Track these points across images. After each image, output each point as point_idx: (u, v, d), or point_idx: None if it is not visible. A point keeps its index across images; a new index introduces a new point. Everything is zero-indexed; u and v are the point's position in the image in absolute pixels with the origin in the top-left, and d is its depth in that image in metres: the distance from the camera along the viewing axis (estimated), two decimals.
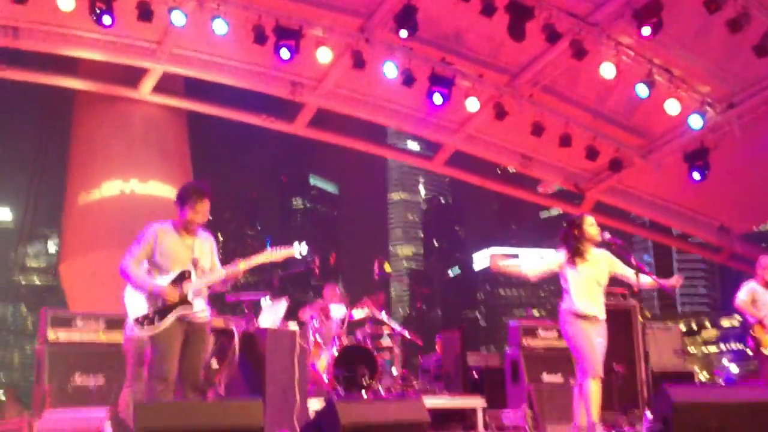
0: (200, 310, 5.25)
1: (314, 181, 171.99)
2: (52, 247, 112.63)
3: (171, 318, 5.03)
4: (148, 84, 11.95)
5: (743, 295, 7.94)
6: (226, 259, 5.53)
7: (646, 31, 9.66)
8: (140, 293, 5.08)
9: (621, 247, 5.73)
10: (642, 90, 10.99)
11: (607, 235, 5.77)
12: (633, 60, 10.98)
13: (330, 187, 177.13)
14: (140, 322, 5.03)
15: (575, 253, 5.86)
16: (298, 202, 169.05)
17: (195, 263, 5.26)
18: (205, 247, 5.35)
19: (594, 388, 5.61)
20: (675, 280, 6.17)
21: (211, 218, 5.45)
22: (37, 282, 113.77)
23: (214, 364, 6.44)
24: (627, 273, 5.96)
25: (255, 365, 6.25)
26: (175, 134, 13.86)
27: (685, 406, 4.08)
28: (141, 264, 5.18)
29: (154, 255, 5.16)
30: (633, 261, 5.86)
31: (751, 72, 10.94)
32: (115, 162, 13.00)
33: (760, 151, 12.04)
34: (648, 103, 11.48)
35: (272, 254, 5.54)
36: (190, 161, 14.28)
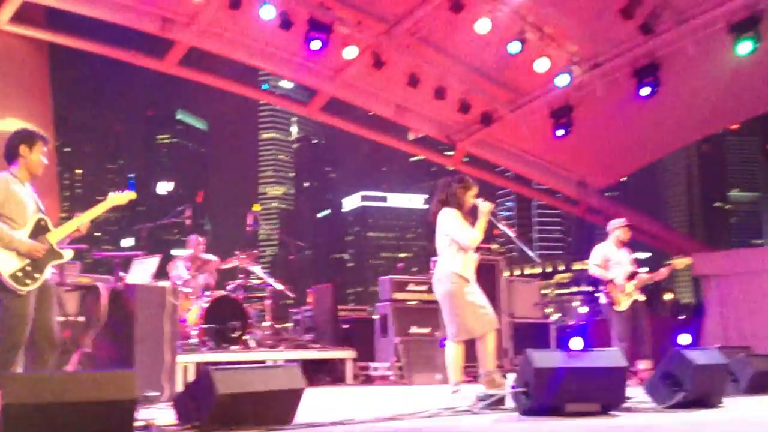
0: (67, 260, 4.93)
1: (182, 116, 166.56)
2: None
3: (48, 272, 4.71)
4: (6, 12, 11.03)
5: (594, 259, 8.47)
6: (86, 194, 5.20)
7: None
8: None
9: (492, 214, 5.85)
10: (514, 47, 11.22)
11: (479, 201, 5.88)
12: (507, 16, 11.16)
13: (199, 124, 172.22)
14: (18, 278, 4.57)
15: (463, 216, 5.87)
16: (164, 138, 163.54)
17: (44, 213, 4.92)
18: (36, 197, 4.97)
19: (456, 352, 5.77)
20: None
21: (68, 149, 5.08)
22: None
23: (81, 323, 6.17)
24: None
25: (123, 323, 6.03)
26: (36, 69, 12.91)
27: (546, 371, 4.30)
28: None
29: (8, 206, 4.75)
30: (502, 226, 6.01)
31: (617, 34, 11.37)
32: None
33: (619, 110, 12.61)
34: (519, 60, 11.74)
35: (113, 199, 5.26)
36: (50, 98, 13.39)
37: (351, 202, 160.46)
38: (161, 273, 7.68)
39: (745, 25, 10.03)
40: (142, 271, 6.59)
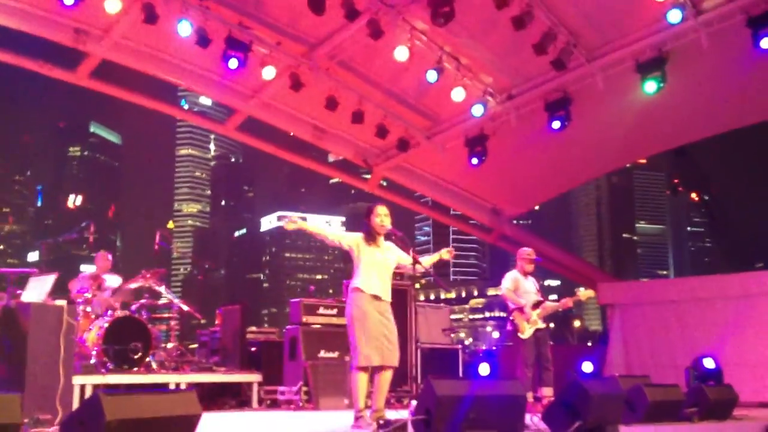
0: None
1: (95, 128, 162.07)
2: None
3: None
4: None
5: (508, 283, 8.59)
6: None
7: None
8: None
9: (400, 239, 5.97)
10: (431, 76, 11.35)
11: (389, 227, 5.99)
12: (425, 45, 11.30)
13: (112, 137, 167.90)
14: None
15: (368, 238, 6.03)
16: (76, 150, 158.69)
17: None
18: None
19: (358, 379, 5.74)
20: (446, 253, 6.37)
21: None
22: None
23: None
24: (405, 263, 6.29)
25: (15, 342, 5.77)
26: None
27: (448, 399, 4.32)
28: None
29: None
30: (411, 253, 6.11)
31: (530, 68, 11.68)
32: None
33: (532, 141, 12.91)
34: (436, 88, 11.89)
35: None
36: None
37: (268, 222, 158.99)
38: (64, 290, 7.39)
39: (651, 65, 10.44)
40: (38, 289, 6.32)
